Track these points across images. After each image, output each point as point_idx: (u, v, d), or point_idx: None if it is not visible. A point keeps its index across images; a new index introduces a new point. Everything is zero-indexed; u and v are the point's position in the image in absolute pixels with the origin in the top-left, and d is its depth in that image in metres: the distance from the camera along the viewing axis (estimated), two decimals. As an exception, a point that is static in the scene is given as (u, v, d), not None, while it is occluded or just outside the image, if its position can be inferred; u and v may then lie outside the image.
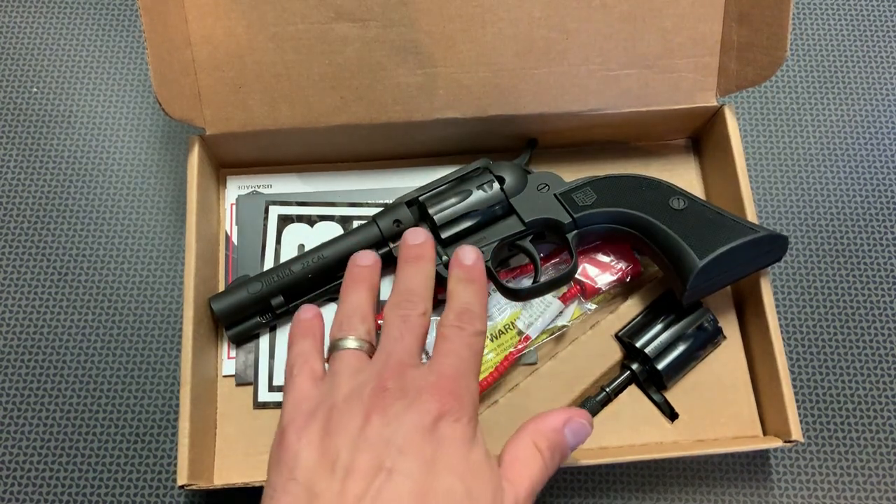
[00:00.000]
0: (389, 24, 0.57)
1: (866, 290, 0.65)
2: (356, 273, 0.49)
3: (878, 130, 0.70)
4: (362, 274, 0.49)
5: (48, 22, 0.73)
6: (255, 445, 0.57)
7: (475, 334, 0.44)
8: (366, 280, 0.49)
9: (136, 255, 0.65)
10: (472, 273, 0.47)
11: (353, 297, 0.47)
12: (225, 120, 0.59)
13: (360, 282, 0.48)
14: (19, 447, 0.59)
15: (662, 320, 0.58)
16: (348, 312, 0.47)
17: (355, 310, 0.47)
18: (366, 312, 0.47)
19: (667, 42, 0.59)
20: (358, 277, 0.49)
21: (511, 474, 0.41)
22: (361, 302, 0.47)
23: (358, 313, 0.46)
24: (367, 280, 0.49)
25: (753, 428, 0.57)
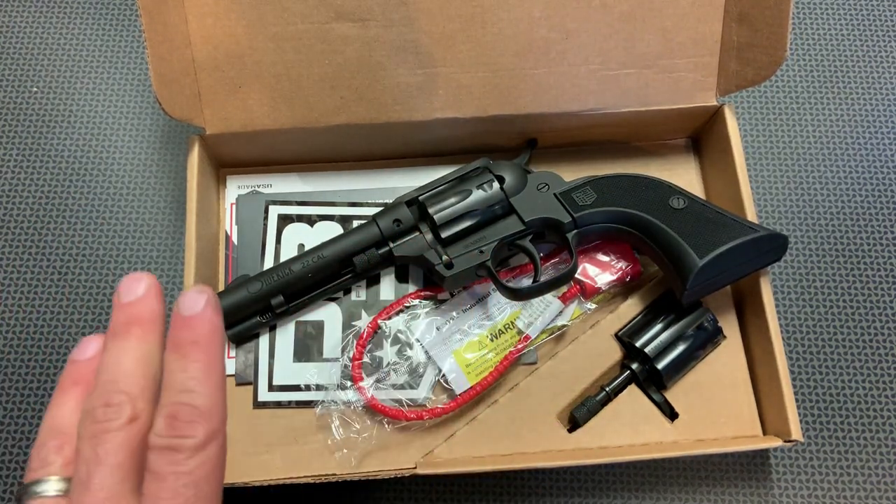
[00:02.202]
0: (389, 24, 0.57)
1: (866, 290, 0.65)
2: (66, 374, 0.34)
3: (878, 130, 0.70)
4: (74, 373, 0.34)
5: (48, 22, 0.73)
6: (255, 445, 0.57)
7: (198, 448, 0.29)
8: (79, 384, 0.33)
9: (136, 255, 0.65)
10: (194, 331, 0.31)
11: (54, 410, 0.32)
12: (225, 120, 0.59)
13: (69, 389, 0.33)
14: (19, 447, 0.59)
15: (662, 320, 0.58)
16: (42, 437, 0.32)
17: (51, 431, 0.32)
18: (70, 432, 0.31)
19: (667, 42, 0.59)
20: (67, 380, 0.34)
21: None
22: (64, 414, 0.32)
23: (54, 435, 0.32)
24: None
25: (753, 428, 0.57)
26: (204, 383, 0.30)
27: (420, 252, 0.57)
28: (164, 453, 0.29)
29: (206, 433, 0.29)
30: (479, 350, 0.58)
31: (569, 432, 0.57)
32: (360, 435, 0.56)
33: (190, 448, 0.29)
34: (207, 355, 0.31)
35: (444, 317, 0.60)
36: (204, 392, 0.30)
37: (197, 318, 0.31)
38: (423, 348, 0.59)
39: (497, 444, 0.57)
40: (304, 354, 0.59)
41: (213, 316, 0.31)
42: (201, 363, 0.31)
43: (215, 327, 0.31)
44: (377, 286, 0.61)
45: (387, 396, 0.57)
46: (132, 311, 0.32)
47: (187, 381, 0.30)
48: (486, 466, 0.54)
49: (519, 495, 0.58)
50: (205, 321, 0.31)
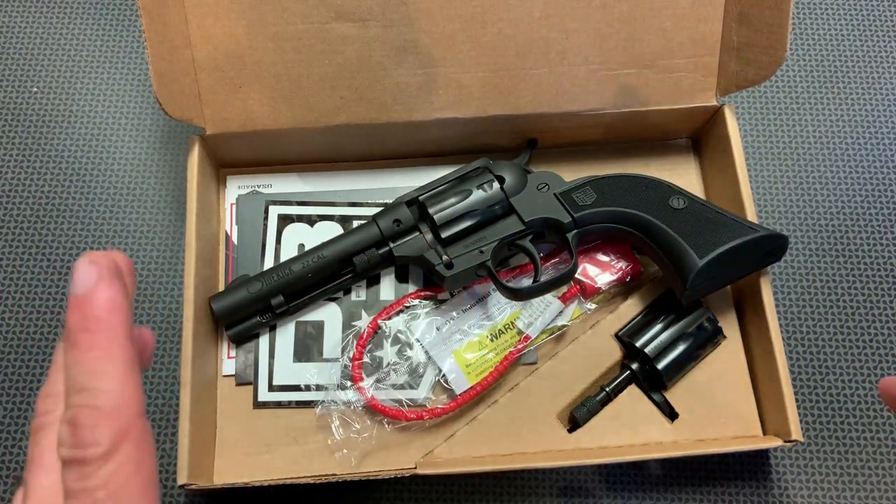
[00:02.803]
0: (389, 24, 0.57)
1: (866, 290, 0.65)
2: None
3: (878, 130, 0.70)
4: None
5: (48, 22, 0.73)
6: (255, 445, 0.57)
7: (106, 456, 0.25)
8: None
9: (136, 255, 0.65)
10: (84, 314, 0.26)
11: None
12: (225, 120, 0.59)
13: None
14: (19, 447, 0.59)
15: (662, 320, 0.58)
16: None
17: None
18: None
19: (667, 42, 0.59)
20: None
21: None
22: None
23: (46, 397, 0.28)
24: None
25: (753, 428, 0.57)
26: (103, 377, 0.26)
27: (420, 252, 0.57)
28: (72, 467, 0.25)
29: (112, 436, 0.25)
30: (479, 350, 0.58)
31: (569, 432, 0.57)
32: (360, 435, 0.56)
33: (97, 458, 0.25)
34: (104, 341, 0.26)
35: (444, 317, 0.60)
36: (104, 387, 0.25)
37: (87, 297, 0.26)
38: (423, 348, 0.59)
39: (497, 444, 0.57)
40: (304, 354, 0.59)
41: (108, 291, 0.26)
42: (97, 352, 0.26)
43: (112, 305, 0.26)
44: (377, 286, 0.61)
45: (387, 396, 0.57)
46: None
47: (82, 378, 0.26)
48: (486, 466, 0.54)
49: (519, 495, 0.58)
50: (96, 300, 0.26)
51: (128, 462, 0.25)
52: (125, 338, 0.26)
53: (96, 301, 0.26)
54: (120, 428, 0.25)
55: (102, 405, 0.25)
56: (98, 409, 0.25)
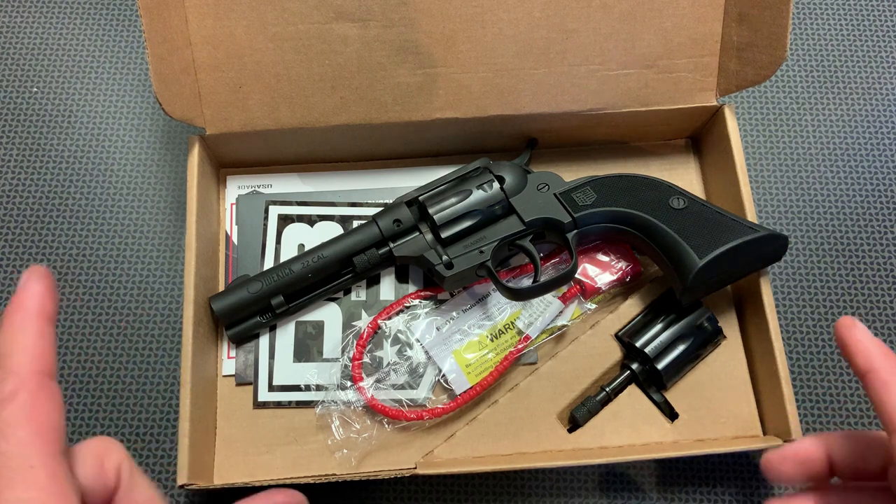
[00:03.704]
0: (389, 24, 0.57)
1: (866, 290, 0.65)
2: None
3: (878, 130, 0.70)
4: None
5: (48, 22, 0.73)
6: (255, 445, 0.57)
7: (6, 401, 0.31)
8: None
9: (136, 255, 0.65)
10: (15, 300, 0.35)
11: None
12: (225, 120, 0.59)
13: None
14: (19, 447, 0.59)
15: (662, 320, 0.58)
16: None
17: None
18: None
19: (667, 42, 0.59)
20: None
21: None
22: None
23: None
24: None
25: (753, 428, 0.57)
26: (13, 344, 0.33)
27: (420, 252, 0.57)
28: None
29: (12, 386, 0.31)
30: (479, 350, 0.58)
31: (569, 432, 0.57)
32: (360, 435, 0.56)
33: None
34: (18, 319, 0.34)
35: (444, 317, 0.60)
36: (12, 352, 0.32)
37: (18, 292, 0.35)
38: (423, 348, 0.59)
39: (497, 444, 0.57)
40: (304, 354, 0.59)
41: (32, 285, 0.35)
42: (13, 325, 0.33)
43: (33, 294, 0.35)
44: (377, 286, 0.61)
45: (387, 396, 0.57)
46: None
47: (0, 345, 0.33)
48: (486, 466, 0.54)
49: (519, 495, 0.58)
50: (23, 292, 0.35)
51: (20, 409, 0.31)
52: (39, 318, 0.34)
53: (26, 293, 0.35)
54: (19, 381, 0.32)
55: (6, 366, 0.32)
56: (4, 369, 0.32)
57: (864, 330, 0.40)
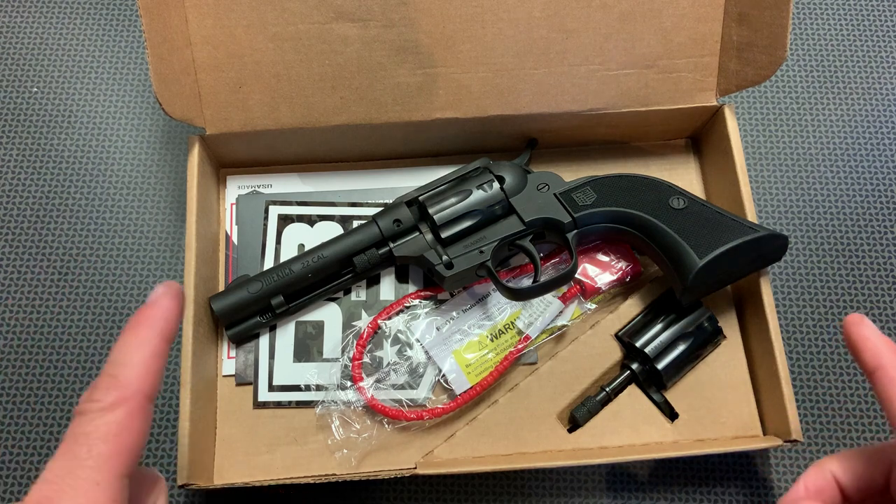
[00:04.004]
0: (389, 24, 0.57)
1: (866, 290, 0.65)
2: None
3: (878, 130, 0.70)
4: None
5: (48, 22, 0.73)
6: (255, 445, 0.57)
7: (103, 410, 0.31)
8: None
9: (136, 255, 0.65)
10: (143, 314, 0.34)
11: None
12: (225, 120, 0.59)
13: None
14: (19, 447, 0.59)
15: (662, 320, 0.58)
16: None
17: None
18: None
19: (667, 42, 0.59)
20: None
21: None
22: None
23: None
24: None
25: (753, 428, 0.57)
26: (131, 356, 0.33)
27: (420, 252, 0.57)
28: (75, 419, 0.32)
29: (115, 398, 0.32)
30: (479, 350, 0.58)
31: (569, 432, 0.57)
32: (360, 435, 0.56)
33: (95, 411, 0.31)
34: (144, 333, 0.34)
35: (444, 317, 0.60)
36: (128, 363, 0.33)
37: (149, 304, 0.35)
38: (423, 348, 0.59)
39: (497, 444, 0.57)
40: (304, 354, 0.59)
41: (166, 302, 0.35)
42: (136, 339, 0.33)
43: (164, 312, 0.34)
44: (377, 286, 0.61)
45: (387, 396, 0.57)
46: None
47: (116, 355, 0.33)
48: (486, 466, 0.54)
49: (519, 495, 0.58)
50: (155, 307, 0.34)
51: (115, 423, 0.31)
52: (160, 337, 0.34)
53: (155, 308, 0.34)
54: (124, 395, 0.32)
55: (119, 376, 0.32)
56: (114, 379, 0.32)
57: (872, 327, 0.40)
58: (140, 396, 0.32)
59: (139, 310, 0.35)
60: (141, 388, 0.33)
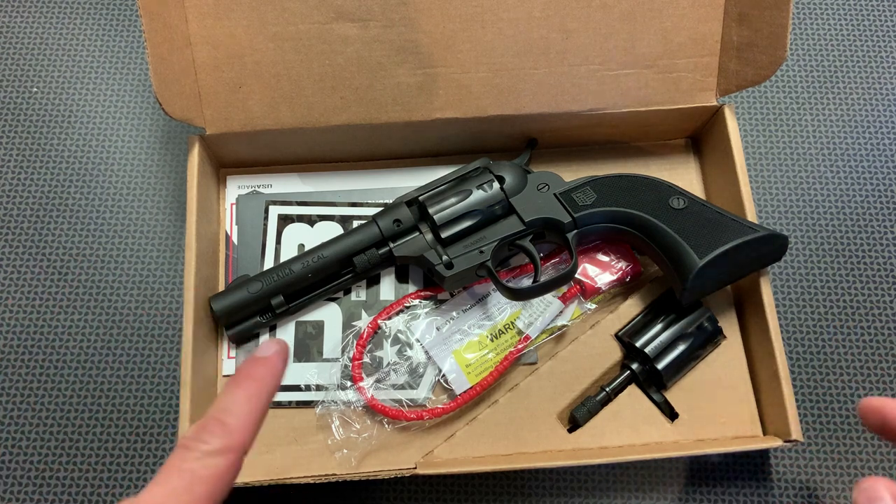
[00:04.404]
0: (389, 24, 0.57)
1: (866, 290, 0.65)
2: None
3: (878, 130, 0.70)
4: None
5: (48, 22, 0.73)
6: (256, 445, 0.56)
7: (209, 454, 0.33)
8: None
9: (136, 255, 0.65)
10: (253, 368, 0.37)
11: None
12: (225, 120, 0.59)
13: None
14: (19, 447, 0.59)
15: (662, 320, 0.58)
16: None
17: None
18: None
19: (667, 42, 0.59)
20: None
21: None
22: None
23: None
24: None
25: (753, 428, 0.57)
26: (241, 408, 0.35)
27: (420, 252, 0.57)
28: (179, 449, 0.34)
29: (221, 445, 0.34)
30: (479, 350, 0.58)
31: (569, 432, 0.57)
32: (360, 435, 0.56)
33: (201, 451, 0.33)
34: (255, 387, 0.36)
35: (444, 317, 0.60)
36: (238, 413, 0.35)
37: (261, 359, 0.37)
38: (423, 348, 0.59)
39: (497, 444, 0.57)
40: (304, 354, 0.59)
41: (274, 361, 0.37)
42: (246, 392, 0.36)
43: (273, 370, 0.37)
44: (377, 286, 0.61)
45: (387, 396, 0.57)
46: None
47: (228, 402, 0.35)
48: (486, 466, 0.54)
49: (519, 495, 0.58)
50: (265, 363, 0.37)
51: (215, 469, 0.33)
52: (268, 395, 0.36)
53: (265, 364, 0.37)
54: (229, 444, 0.34)
55: (229, 423, 0.34)
56: (225, 425, 0.34)
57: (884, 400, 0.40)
58: (242, 450, 0.34)
59: (251, 362, 0.37)
60: (244, 442, 0.35)
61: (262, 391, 0.36)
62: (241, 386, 0.36)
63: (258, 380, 0.36)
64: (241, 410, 0.35)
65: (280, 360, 0.38)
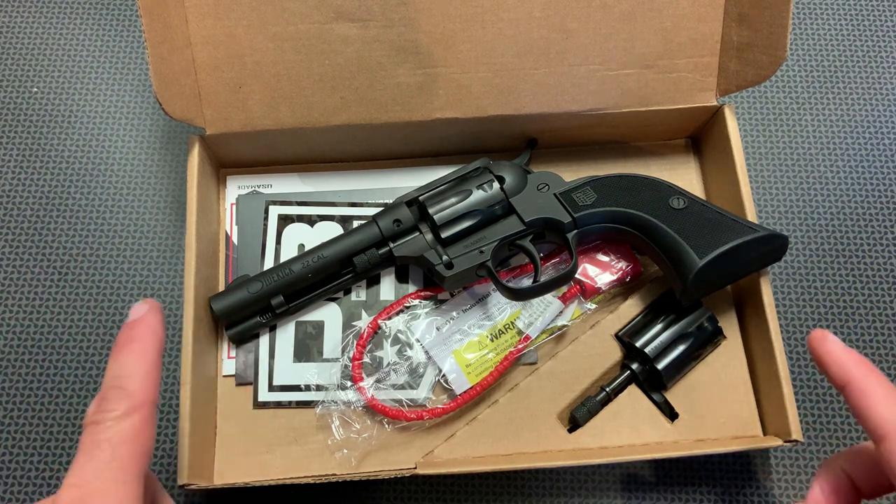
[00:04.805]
0: (389, 24, 0.57)
1: (866, 290, 0.65)
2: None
3: (878, 130, 0.70)
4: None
5: (48, 22, 0.73)
6: (255, 445, 0.57)
7: (118, 418, 0.34)
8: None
9: (136, 255, 0.65)
10: (132, 331, 0.37)
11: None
12: (225, 120, 0.59)
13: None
14: (19, 447, 0.59)
15: (662, 320, 0.58)
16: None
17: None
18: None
19: (667, 42, 0.59)
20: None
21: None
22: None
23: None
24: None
25: (753, 428, 0.57)
26: (133, 368, 0.35)
27: (420, 252, 0.57)
28: (89, 428, 0.34)
29: (127, 407, 0.34)
30: (479, 350, 0.58)
31: (569, 432, 0.57)
32: (360, 435, 0.56)
33: (110, 419, 0.34)
34: (140, 347, 0.36)
35: (444, 317, 0.60)
36: (132, 375, 0.35)
37: (136, 321, 0.37)
38: (423, 348, 0.59)
39: (497, 444, 0.57)
40: (304, 354, 0.59)
41: (150, 318, 0.37)
42: (132, 356, 0.36)
43: (150, 328, 0.37)
44: (377, 286, 0.61)
45: (387, 396, 0.57)
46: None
47: (118, 369, 0.36)
48: (486, 466, 0.54)
49: (519, 495, 0.58)
50: (141, 323, 0.37)
51: (131, 428, 0.34)
52: (155, 351, 0.37)
53: (141, 324, 0.37)
54: (135, 404, 0.34)
55: (127, 387, 0.35)
56: (123, 390, 0.35)
57: (836, 341, 0.40)
58: (149, 404, 0.35)
59: (126, 326, 0.37)
60: (148, 397, 0.35)
61: (148, 348, 0.36)
62: (125, 349, 0.36)
63: (141, 340, 0.36)
64: (134, 371, 0.35)
65: (155, 316, 0.37)
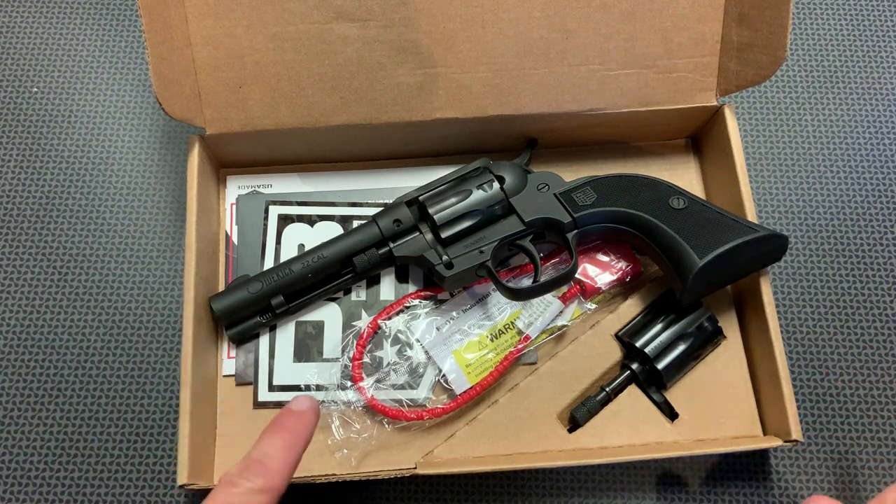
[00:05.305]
0: (389, 24, 0.57)
1: (866, 290, 0.65)
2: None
3: (878, 130, 0.70)
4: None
5: (48, 22, 0.73)
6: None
7: (252, 491, 0.38)
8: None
9: (136, 255, 0.65)
10: (288, 420, 0.42)
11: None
12: (225, 120, 0.59)
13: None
14: (19, 447, 0.59)
15: (662, 320, 0.58)
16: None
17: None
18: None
19: (667, 42, 0.59)
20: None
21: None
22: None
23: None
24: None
25: (753, 428, 0.57)
26: (280, 455, 0.40)
27: (420, 252, 0.57)
28: (224, 484, 0.38)
29: (264, 484, 0.38)
30: (479, 350, 0.58)
31: (569, 432, 0.57)
32: (360, 435, 0.56)
33: (246, 488, 0.38)
34: (291, 438, 0.41)
35: (444, 317, 0.60)
36: (277, 459, 0.40)
37: (296, 412, 0.42)
38: (423, 348, 0.59)
39: (497, 444, 0.57)
40: (304, 354, 0.59)
41: (309, 417, 0.42)
42: (284, 441, 0.41)
43: (306, 424, 0.42)
44: (377, 286, 0.61)
45: (387, 396, 0.57)
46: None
47: (268, 448, 0.40)
48: (486, 466, 0.54)
49: (519, 495, 0.58)
50: (299, 418, 0.42)
51: None
52: (302, 446, 0.41)
53: (300, 418, 0.42)
54: (270, 485, 0.39)
55: (269, 466, 0.39)
56: (266, 468, 0.39)
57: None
58: (279, 490, 0.39)
59: (286, 413, 0.42)
60: (281, 485, 0.39)
61: (297, 443, 0.41)
62: (278, 435, 0.41)
63: (294, 433, 0.41)
64: (279, 456, 0.39)
65: (312, 415, 0.42)
